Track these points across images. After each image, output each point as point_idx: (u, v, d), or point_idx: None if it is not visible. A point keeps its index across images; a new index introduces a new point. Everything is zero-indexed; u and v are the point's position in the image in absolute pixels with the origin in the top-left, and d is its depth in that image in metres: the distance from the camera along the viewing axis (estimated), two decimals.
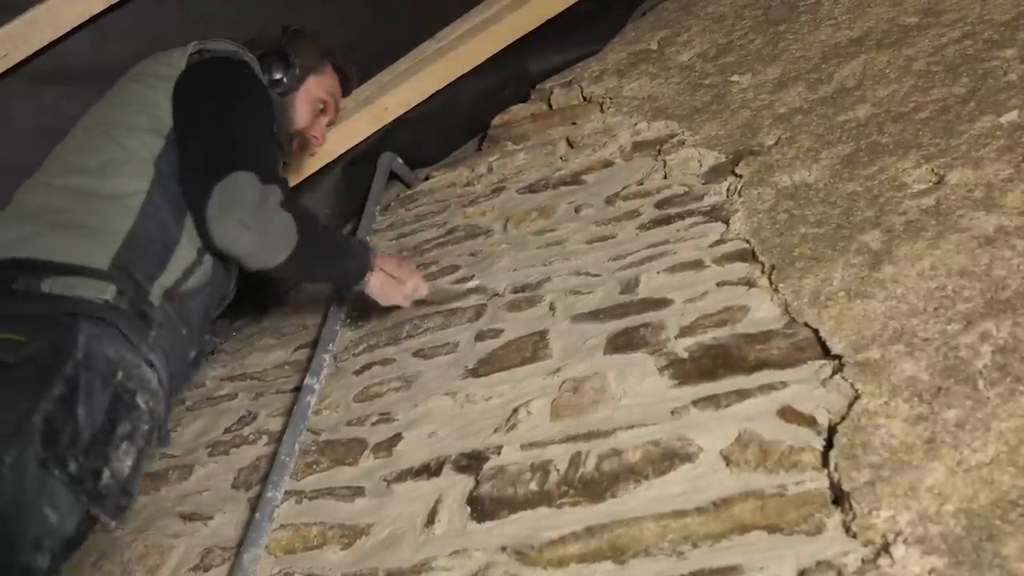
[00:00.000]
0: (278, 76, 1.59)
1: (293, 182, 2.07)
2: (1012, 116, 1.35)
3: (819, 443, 1.00)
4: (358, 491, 1.36)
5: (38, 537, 1.04)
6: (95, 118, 1.42)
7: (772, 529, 0.95)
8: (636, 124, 1.99)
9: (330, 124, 1.76)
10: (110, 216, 1.29)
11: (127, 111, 1.40)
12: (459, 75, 2.26)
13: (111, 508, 1.12)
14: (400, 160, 2.35)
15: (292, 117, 1.63)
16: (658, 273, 1.47)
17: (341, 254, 1.50)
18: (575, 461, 1.15)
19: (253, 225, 1.28)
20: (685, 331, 1.30)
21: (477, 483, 1.21)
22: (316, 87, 1.66)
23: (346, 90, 1.79)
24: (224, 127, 1.38)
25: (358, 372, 1.68)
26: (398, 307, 1.62)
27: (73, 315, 1.17)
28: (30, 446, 1.04)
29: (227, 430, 1.77)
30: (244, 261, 1.33)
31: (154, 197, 1.32)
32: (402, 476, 1.33)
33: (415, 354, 1.64)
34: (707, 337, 1.26)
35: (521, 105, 2.40)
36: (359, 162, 2.27)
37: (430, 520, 1.21)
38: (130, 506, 1.17)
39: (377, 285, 1.54)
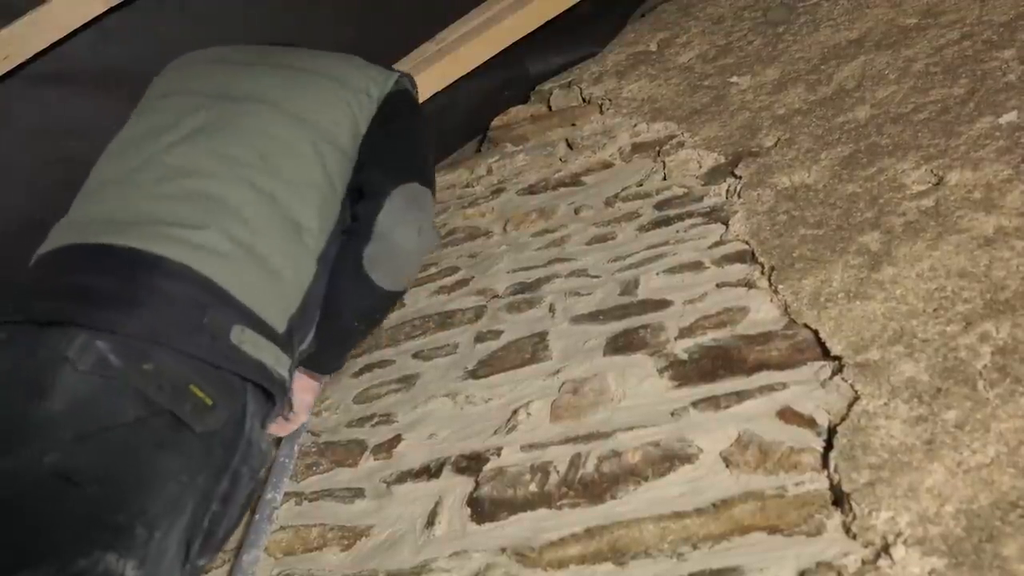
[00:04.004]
0: None
1: None
2: (1011, 117, 1.35)
3: (819, 444, 1.00)
4: (358, 492, 1.36)
5: None
6: (274, 92, 1.21)
7: (772, 530, 0.95)
8: (635, 125, 1.99)
9: None
10: (298, 264, 1.15)
11: (330, 116, 1.24)
12: (459, 76, 2.26)
13: None
14: None
15: None
16: (658, 274, 1.47)
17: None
18: (575, 462, 1.15)
19: (425, 233, 1.25)
20: (685, 332, 1.30)
21: (477, 484, 1.21)
22: None
23: None
24: (419, 146, 1.34)
25: (357, 374, 1.68)
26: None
27: (245, 380, 1.06)
28: (178, 527, 1.00)
29: None
30: (395, 258, 1.25)
31: (332, 244, 1.20)
32: (402, 478, 1.33)
33: (415, 355, 1.64)
34: (707, 338, 1.26)
35: (521, 107, 2.40)
36: None
37: (430, 522, 1.21)
38: None
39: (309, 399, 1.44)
